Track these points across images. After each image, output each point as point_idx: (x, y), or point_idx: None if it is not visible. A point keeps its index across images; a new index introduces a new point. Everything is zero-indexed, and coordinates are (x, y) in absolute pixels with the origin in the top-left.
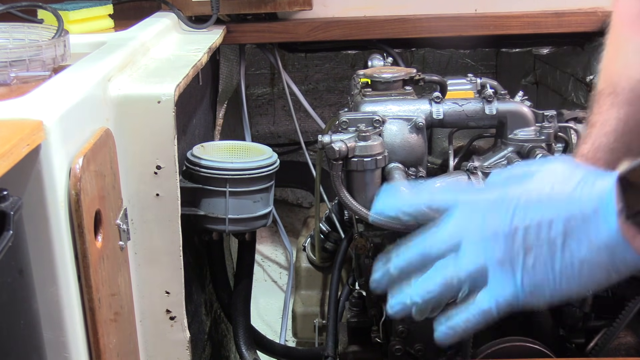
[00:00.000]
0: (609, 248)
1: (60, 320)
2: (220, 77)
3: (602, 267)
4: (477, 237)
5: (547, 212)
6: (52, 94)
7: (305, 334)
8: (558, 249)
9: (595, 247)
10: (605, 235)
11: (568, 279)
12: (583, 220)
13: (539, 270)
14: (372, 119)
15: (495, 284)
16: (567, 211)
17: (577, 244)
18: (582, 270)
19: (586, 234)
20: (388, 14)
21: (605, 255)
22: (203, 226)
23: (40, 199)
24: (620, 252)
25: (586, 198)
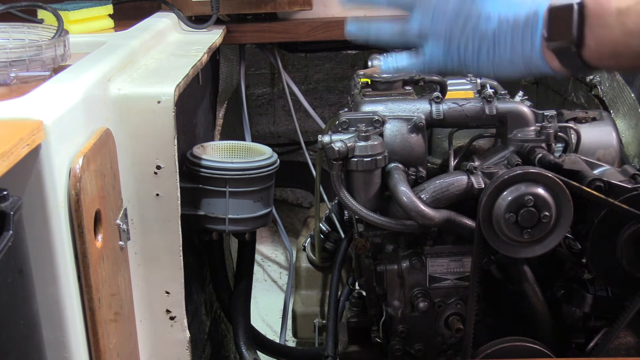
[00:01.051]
0: (526, 58)
1: (60, 320)
2: (220, 77)
3: (516, 67)
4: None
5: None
6: (52, 94)
7: (305, 334)
8: (486, 43)
9: (517, 54)
10: (528, 49)
11: (486, 64)
12: (513, 28)
13: (467, 54)
14: (372, 119)
15: (428, 49)
16: (505, 11)
17: (502, 45)
18: (499, 64)
19: (512, 40)
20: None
21: (522, 63)
22: (203, 226)
23: (40, 199)
24: (536, 64)
25: (522, 8)
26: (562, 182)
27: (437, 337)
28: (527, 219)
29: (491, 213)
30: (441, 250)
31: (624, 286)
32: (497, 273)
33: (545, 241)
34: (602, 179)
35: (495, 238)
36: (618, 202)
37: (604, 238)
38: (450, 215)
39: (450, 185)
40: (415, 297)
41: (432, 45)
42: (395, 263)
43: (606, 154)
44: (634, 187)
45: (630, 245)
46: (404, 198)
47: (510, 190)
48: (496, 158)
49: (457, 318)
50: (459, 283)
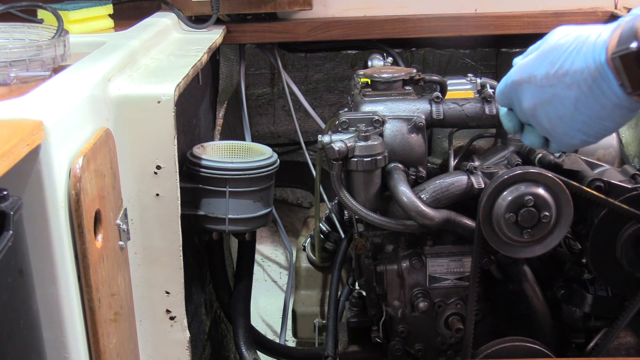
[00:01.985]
0: (620, 106)
1: (60, 320)
2: (220, 77)
3: (620, 114)
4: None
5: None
6: (52, 94)
7: (305, 334)
8: (573, 112)
9: (610, 108)
10: (615, 100)
11: (593, 128)
12: (589, 89)
13: (558, 125)
14: (372, 119)
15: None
16: (571, 84)
17: (588, 108)
18: (603, 121)
19: (596, 100)
20: (388, 14)
21: (619, 109)
22: (203, 226)
23: (40, 199)
24: (632, 105)
25: (584, 66)
26: (562, 182)
27: (437, 337)
28: (527, 219)
29: (491, 213)
30: (441, 250)
31: (624, 286)
32: (497, 273)
33: (545, 241)
34: (602, 179)
35: (495, 238)
36: (618, 202)
37: (604, 238)
38: (450, 215)
39: (450, 185)
40: (415, 297)
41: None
42: (395, 263)
43: (606, 154)
44: (634, 187)
45: (630, 245)
46: (404, 198)
47: (510, 190)
48: (496, 158)
49: (457, 318)
50: (459, 283)
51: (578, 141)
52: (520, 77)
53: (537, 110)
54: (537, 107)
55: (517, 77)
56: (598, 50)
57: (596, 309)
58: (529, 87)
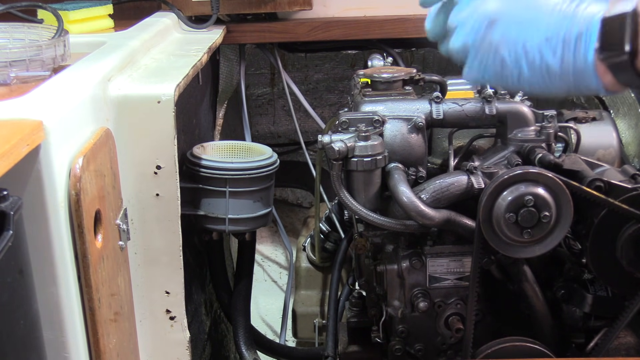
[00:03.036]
0: (577, 73)
1: (60, 320)
2: (220, 77)
3: (564, 82)
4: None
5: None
6: (52, 94)
7: (305, 334)
8: (533, 54)
9: (566, 68)
10: (580, 63)
11: (529, 78)
12: (564, 41)
13: (506, 64)
14: (372, 119)
15: (468, 65)
16: (557, 23)
17: (550, 54)
18: (546, 79)
19: (563, 54)
20: (388, 14)
21: (572, 78)
22: (203, 226)
23: (40, 199)
24: (587, 80)
25: (572, 20)
26: (562, 182)
27: (437, 337)
28: (527, 219)
29: (491, 213)
30: (441, 250)
31: (624, 286)
32: (497, 273)
33: (545, 241)
34: (602, 179)
35: (495, 238)
36: (618, 202)
37: (604, 238)
38: (450, 215)
39: (450, 185)
40: (415, 297)
41: (472, 56)
42: (395, 263)
43: (606, 154)
44: (634, 187)
45: (630, 245)
46: (404, 198)
47: (510, 190)
48: (496, 158)
49: (457, 318)
50: (459, 283)
51: (507, 74)
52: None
53: (497, 22)
54: (501, 20)
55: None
56: (596, 11)
57: (596, 309)
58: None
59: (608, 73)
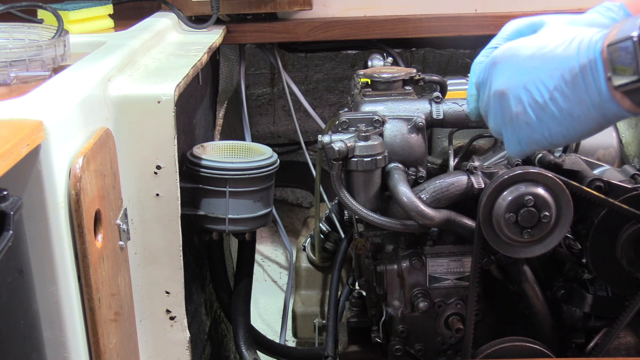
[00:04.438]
0: (599, 106)
1: (60, 320)
2: (220, 77)
3: (592, 120)
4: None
5: (535, 73)
6: (52, 94)
7: (305, 334)
8: (546, 104)
9: (586, 106)
10: (596, 96)
11: (560, 127)
12: (572, 80)
13: (533, 127)
14: (372, 119)
15: (506, 143)
16: (554, 70)
17: (564, 100)
18: (574, 121)
19: (575, 93)
20: (388, 14)
21: (595, 112)
22: (203, 226)
23: (40, 199)
24: (610, 109)
25: (574, 55)
26: (562, 182)
27: (437, 337)
28: (527, 219)
29: (491, 213)
30: (441, 250)
31: (624, 286)
32: (497, 273)
33: (545, 241)
34: (602, 179)
35: (495, 238)
36: (618, 202)
37: (604, 238)
38: (450, 215)
39: (450, 185)
40: (415, 297)
41: (506, 134)
42: (395, 263)
43: (606, 154)
44: (634, 187)
45: (630, 245)
46: (404, 198)
47: (510, 190)
48: (496, 158)
49: (457, 318)
50: (459, 283)
51: (538, 136)
52: (503, 53)
53: (507, 93)
54: (509, 89)
55: (500, 53)
56: (594, 41)
57: (596, 309)
58: (508, 65)
59: (625, 98)
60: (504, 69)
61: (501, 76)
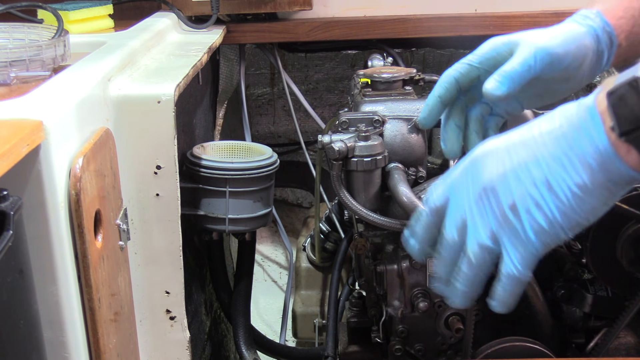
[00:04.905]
0: (602, 166)
1: (60, 320)
2: (220, 77)
3: (600, 188)
4: (474, 215)
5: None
6: (52, 94)
7: (305, 334)
8: (545, 189)
9: (589, 169)
10: (597, 154)
11: (569, 211)
12: (569, 145)
13: (540, 218)
14: (372, 119)
15: (508, 250)
16: (550, 147)
17: (566, 172)
18: (581, 198)
19: (576, 155)
20: (388, 14)
21: (601, 175)
22: (203, 226)
23: (40, 199)
24: (615, 169)
25: (567, 120)
26: None
27: (437, 337)
28: None
29: None
30: None
31: (624, 286)
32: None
33: None
34: None
35: None
36: (618, 202)
37: (604, 238)
38: None
39: None
40: (415, 297)
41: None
42: (395, 263)
43: None
44: (634, 187)
45: (630, 245)
46: (404, 198)
47: None
48: None
49: (457, 318)
50: None
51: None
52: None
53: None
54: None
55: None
56: (582, 106)
57: (596, 309)
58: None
59: (632, 153)
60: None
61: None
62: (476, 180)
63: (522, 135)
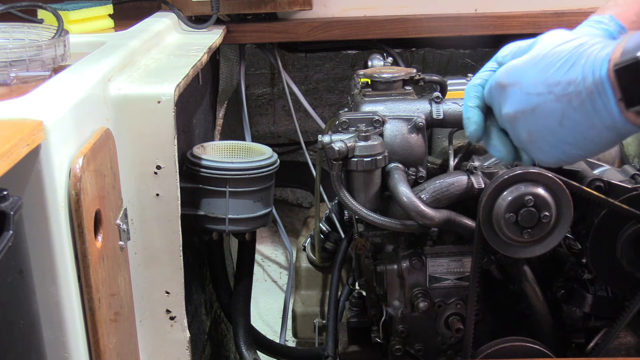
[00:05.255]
0: (612, 127)
1: (60, 320)
2: (220, 77)
3: (606, 138)
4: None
5: (542, 100)
6: (52, 94)
7: (305, 334)
8: (557, 130)
9: (598, 129)
10: (608, 120)
11: (575, 149)
12: (580, 106)
13: (546, 151)
14: (372, 119)
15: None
16: (561, 96)
17: (575, 125)
18: (587, 142)
19: (586, 118)
20: (388, 14)
21: (608, 132)
22: (203, 226)
23: (40, 199)
24: (624, 128)
25: (579, 79)
26: (562, 182)
27: (437, 337)
28: (527, 219)
29: (491, 213)
30: (441, 250)
31: (624, 286)
32: (497, 273)
33: (545, 241)
34: (602, 179)
35: (495, 238)
36: (618, 202)
37: (604, 238)
38: (450, 215)
39: (450, 185)
40: (415, 297)
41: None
42: (395, 263)
43: (606, 154)
44: (634, 187)
45: (630, 245)
46: (404, 198)
47: (510, 190)
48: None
49: (457, 318)
50: (459, 283)
51: (554, 159)
52: (506, 80)
53: (517, 119)
54: (518, 116)
55: (504, 80)
56: (599, 63)
57: (596, 309)
58: (513, 91)
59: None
60: (511, 96)
61: (509, 102)
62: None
63: (542, 72)
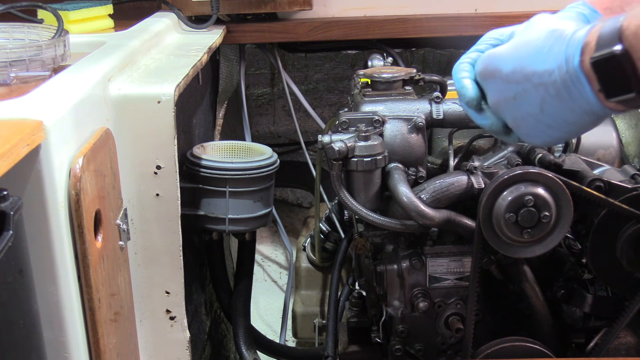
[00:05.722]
0: (590, 112)
1: (60, 320)
2: (220, 77)
3: (587, 120)
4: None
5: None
6: (52, 94)
7: (305, 334)
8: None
9: (577, 113)
10: (586, 106)
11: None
12: (557, 94)
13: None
14: (372, 119)
15: None
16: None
17: (555, 111)
18: (569, 125)
19: (564, 104)
20: (388, 14)
21: (588, 116)
22: (203, 226)
23: (40, 199)
24: (603, 113)
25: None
26: (562, 182)
27: (437, 337)
28: (527, 219)
29: (491, 213)
30: (441, 250)
31: (623, 286)
32: (497, 273)
33: (545, 241)
34: (602, 179)
35: (495, 238)
36: (618, 202)
37: (604, 238)
38: (450, 215)
39: (450, 185)
40: (415, 297)
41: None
42: (395, 263)
43: (606, 154)
44: (634, 187)
45: (630, 245)
46: (404, 198)
47: (510, 190)
48: (496, 158)
49: (457, 318)
50: (459, 283)
51: (540, 141)
52: (485, 68)
53: (500, 106)
54: (500, 103)
55: (483, 68)
56: (572, 51)
57: (596, 309)
58: (494, 81)
59: (619, 105)
60: (492, 84)
61: (491, 91)
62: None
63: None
